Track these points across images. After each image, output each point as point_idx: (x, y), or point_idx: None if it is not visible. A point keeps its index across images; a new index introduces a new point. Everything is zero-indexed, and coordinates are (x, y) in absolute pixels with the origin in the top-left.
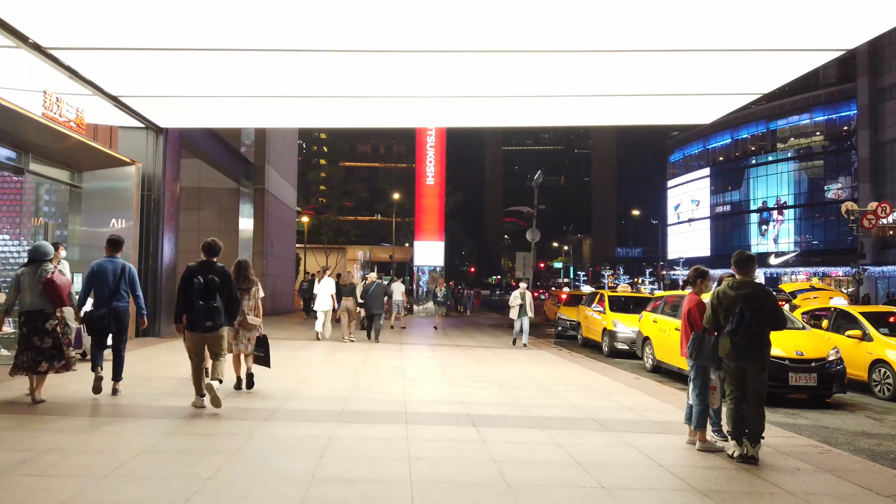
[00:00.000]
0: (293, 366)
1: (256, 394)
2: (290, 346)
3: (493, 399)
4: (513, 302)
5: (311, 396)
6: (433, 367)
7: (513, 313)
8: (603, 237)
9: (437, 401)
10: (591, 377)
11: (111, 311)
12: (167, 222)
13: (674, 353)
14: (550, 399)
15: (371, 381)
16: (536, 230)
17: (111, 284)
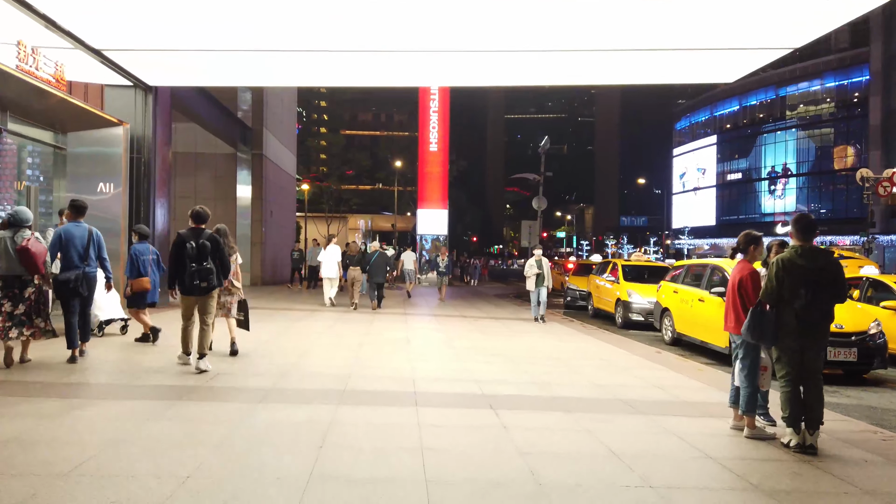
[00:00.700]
0: (292, 338)
1: (251, 369)
2: (288, 316)
3: (507, 376)
4: (528, 271)
5: (310, 373)
6: (440, 340)
7: (529, 284)
8: (606, 206)
9: (447, 378)
10: (607, 350)
11: (83, 275)
12: (159, 188)
13: (697, 325)
14: (569, 375)
15: (375, 355)
16: (543, 198)
17: (80, 249)
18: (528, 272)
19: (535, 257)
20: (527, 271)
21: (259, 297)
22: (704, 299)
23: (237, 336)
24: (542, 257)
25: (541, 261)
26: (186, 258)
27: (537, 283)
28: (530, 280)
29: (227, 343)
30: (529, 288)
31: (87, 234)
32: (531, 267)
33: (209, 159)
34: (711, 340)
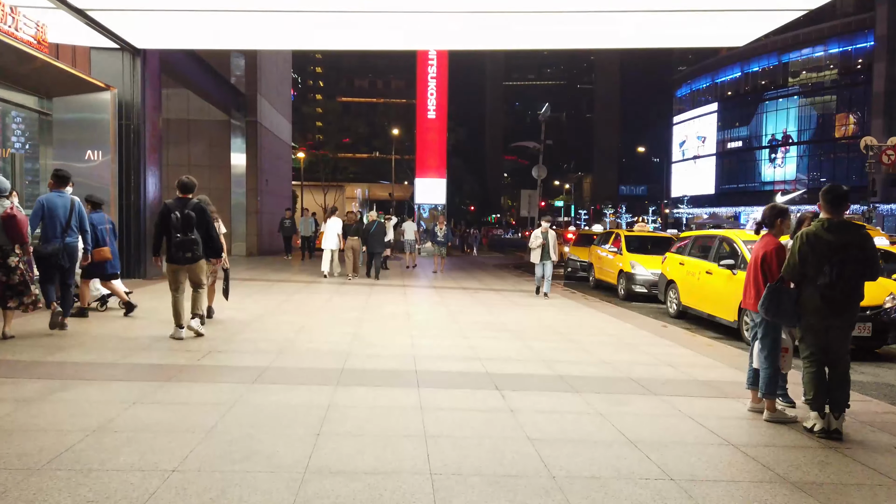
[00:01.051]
0: (289, 311)
1: (245, 346)
2: (285, 289)
3: (512, 353)
4: (533, 243)
5: (307, 350)
6: (441, 314)
7: (534, 257)
8: (604, 175)
9: (450, 356)
10: (612, 325)
11: (64, 246)
12: (149, 155)
13: (704, 298)
14: (575, 352)
15: (375, 330)
16: (543, 166)
17: (63, 219)
18: (533, 243)
19: (542, 228)
20: (532, 243)
21: (255, 268)
22: (712, 272)
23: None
24: (549, 229)
25: (547, 232)
26: (171, 228)
27: (542, 257)
28: (535, 252)
29: (221, 316)
30: (534, 261)
31: (70, 204)
32: (536, 238)
33: (202, 127)
34: (719, 314)
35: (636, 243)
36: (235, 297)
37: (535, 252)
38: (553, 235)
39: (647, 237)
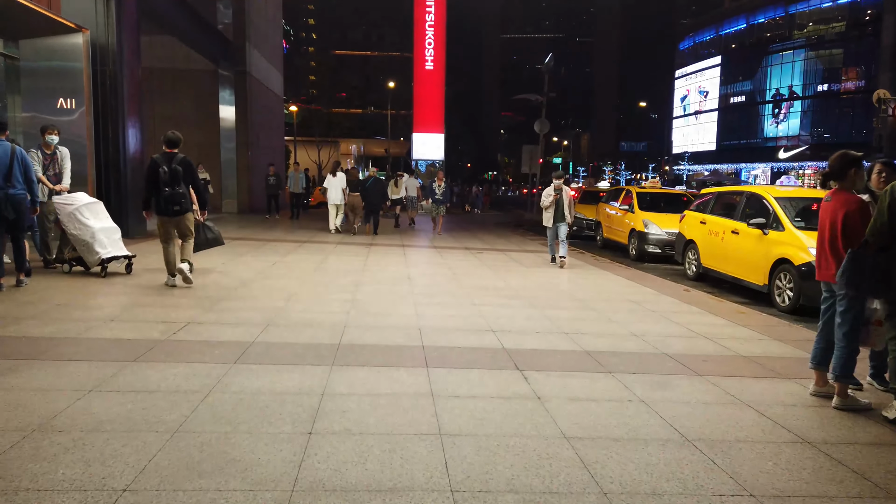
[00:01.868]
0: (279, 275)
1: (227, 317)
2: (276, 249)
3: (528, 323)
4: (545, 202)
5: (298, 321)
6: (445, 277)
7: (545, 218)
8: (603, 131)
9: (460, 327)
10: (631, 289)
11: (7, 198)
12: (129, 105)
13: (729, 259)
14: (598, 322)
15: (375, 296)
16: (545, 121)
17: (3, 169)
18: (545, 202)
19: (555, 185)
20: (543, 201)
21: (246, 226)
22: (739, 231)
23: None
24: (563, 185)
25: (561, 190)
26: (160, 183)
27: (556, 219)
28: (547, 213)
29: (204, 281)
30: (545, 223)
31: (10, 152)
32: (547, 196)
33: (189, 77)
34: (746, 277)
35: (648, 201)
36: (222, 259)
37: (547, 213)
38: (568, 193)
39: (660, 194)
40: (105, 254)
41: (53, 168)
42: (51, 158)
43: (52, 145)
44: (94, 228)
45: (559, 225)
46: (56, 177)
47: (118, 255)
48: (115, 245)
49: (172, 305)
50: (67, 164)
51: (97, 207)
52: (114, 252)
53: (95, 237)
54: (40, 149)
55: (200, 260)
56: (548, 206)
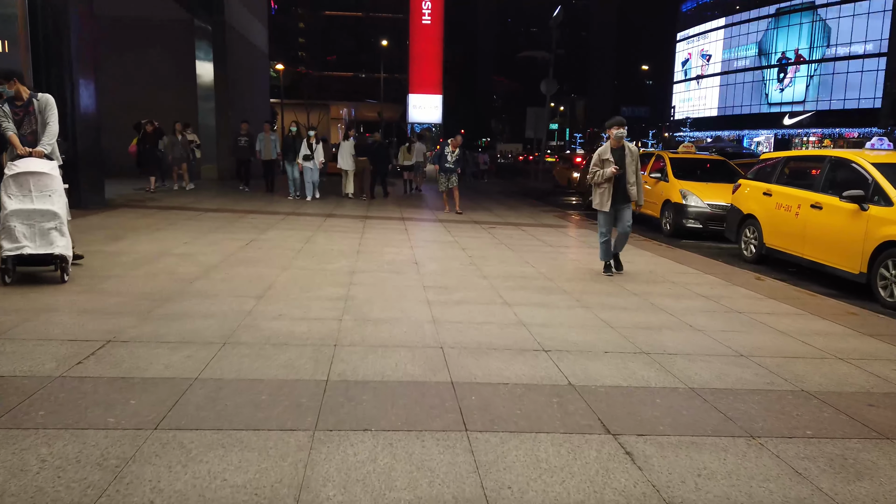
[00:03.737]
0: (254, 260)
1: (171, 329)
2: (256, 223)
3: (587, 334)
4: (602, 173)
5: (270, 335)
6: (460, 261)
7: (598, 199)
8: (600, 97)
9: (497, 343)
10: (688, 276)
11: None
12: (82, 54)
13: (807, 240)
14: (680, 331)
15: (374, 291)
16: (553, 80)
17: None
18: (602, 173)
19: (611, 142)
20: (593, 174)
21: (224, 194)
22: (823, 205)
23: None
24: (626, 143)
25: (624, 150)
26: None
27: (616, 198)
28: (601, 191)
29: (157, 266)
30: (600, 206)
31: None
32: (603, 164)
33: (161, 28)
34: (834, 262)
35: (684, 168)
36: (188, 237)
37: (600, 190)
38: (635, 155)
39: (698, 160)
40: (10, 250)
41: (30, 124)
42: (24, 112)
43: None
44: (7, 211)
45: (621, 209)
46: (33, 135)
47: (38, 254)
48: (41, 239)
49: (96, 310)
50: (53, 118)
51: (41, 181)
52: (32, 249)
53: (4, 224)
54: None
55: (154, 240)
56: (602, 180)
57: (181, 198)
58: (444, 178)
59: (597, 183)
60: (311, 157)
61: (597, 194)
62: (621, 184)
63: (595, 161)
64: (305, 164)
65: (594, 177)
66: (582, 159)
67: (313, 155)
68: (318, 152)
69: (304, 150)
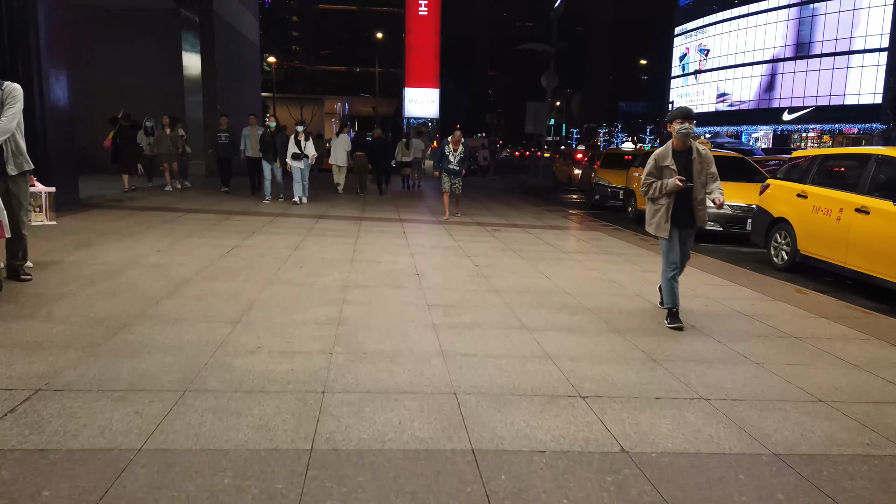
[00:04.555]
0: (235, 271)
1: (117, 372)
2: (240, 226)
3: (626, 369)
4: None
5: (242, 379)
6: (466, 271)
7: (655, 223)
8: (596, 92)
9: (523, 389)
10: (721, 289)
11: None
12: (53, 43)
13: (851, 247)
14: (735, 363)
15: (370, 311)
16: (554, 74)
17: None
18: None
19: (674, 142)
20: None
21: (209, 193)
22: (871, 209)
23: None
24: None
25: (693, 153)
26: None
27: (677, 219)
28: (658, 209)
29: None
30: (658, 231)
31: None
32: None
33: (144, 17)
34: (885, 274)
35: None
36: (163, 243)
37: (656, 207)
38: (706, 160)
39: (715, 157)
40: None
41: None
42: None
43: None
44: None
45: (682, 233)
46: None
47: None
48: None
49: (34, 343)
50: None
51: None
52: None
53: None
54: None
55: (124, 247)
56: (663, 194)
57: (163, 197)
58: (448, 179)
59: (653, 198)
60: (301, 155)
61: (651, 212)
62: (686, 200)
63: (650, 168)
64: (294, 163)
65: (650, 190)
66: (583, 155)
67: (303, 153)
68: (309, 148)
69: (293, 148)
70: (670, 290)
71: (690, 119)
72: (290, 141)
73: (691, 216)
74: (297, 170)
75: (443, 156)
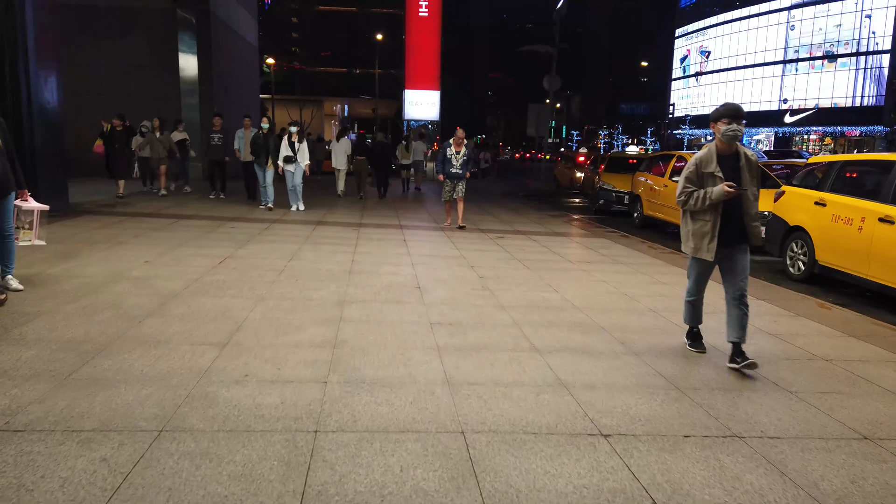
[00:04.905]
0: (225, 285)
1: (90, 404)
2: (234, 234)
3: (650, 400)
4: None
5: (227, 413)
6: (470, 284)
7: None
8: (595, 94)
9: (536, 423)
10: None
11: None
12: (41, 42)
13: (873, 258)
14: (766, 391)
15: (369, 332)
16: (556, 76)
17: None
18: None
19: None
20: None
21: (200, 198)
22: (895, 219)
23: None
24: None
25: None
26: None
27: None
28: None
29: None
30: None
31: None
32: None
33: (140, 16)
34: None
35: None
36: (152, 252)
37: (697, 225)
38: (755, 166)
39: None
40: None
41: None
42: None
43: None
44: None
45: (735, 254)
46: None
47: None
48: None
49: (3, 370)
50: None
51: None
52: None
53: None
54: None
55: (111, 257)
56: (707, 206)
57: (156, 203)
58: (450, 185)
59: (693, 210)
60: (294, 158)
61: (690, 229)
62: (734, 213)
63: (689, 174)
64: (287, 166)
65: (690, 200)
66: (585, 158)
67: (296, 156)
68: (302, 153)
69: (285, 151)
70: (691, 311)
71: (739, 119)
72: (282, 143)
73: (742, 233)
74: (289, 174)
75: (445, 159)
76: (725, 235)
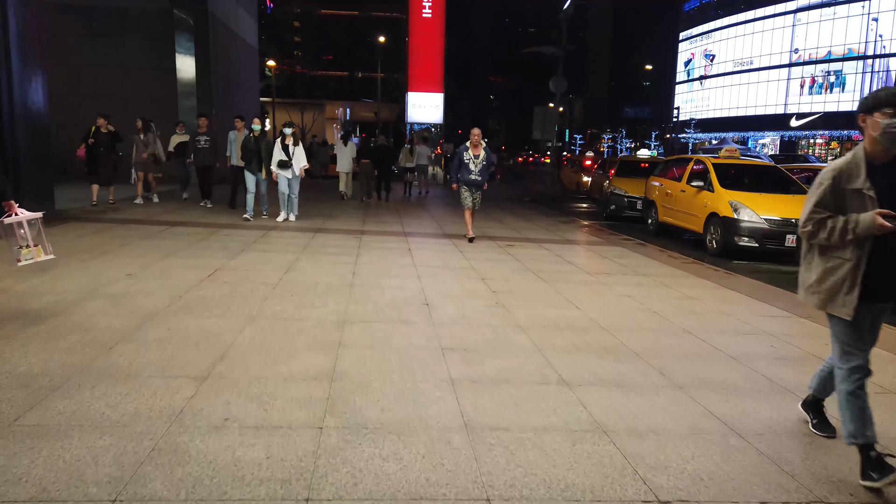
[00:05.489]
0: (213, 302)
1: (37, 459)
2: (226, 243)
3: (707, 447)
4: (834, 235)
5: (199, 474)
6: (483, 300)
7: (828, 290)
8: (598, 97)
9: (576, 485)
10: (782, 323)
11: None
12: (25, 41)
13: None
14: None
15: (372, 360)
16: (563, 78)
17: None
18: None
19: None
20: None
21: (194, 205)
22: None
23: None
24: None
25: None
26: None
27: (879, 287)
28: (835, 266)
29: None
30: (831, 306)
31: None
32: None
33: (137, 16)
34: None
35: (730, 175)
36: (136, 264)
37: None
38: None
39: (747, 167)
40: None
41: None
42: None
43: None
44: None
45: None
46: None
47: None
48: None
49: None
50: None
51: None
52: None
53: None
54: None
55: (90, 269)
56: (847, 240)
57: (147, 209)
58: (469, 193)
59: (828, 243)
60: (289, 163)
61: (822, 271)
62: (890, 252)
63: (822, 194)
64: (281, 172)
65: (822, 232)
66: (592, 162)
67: (291, 161)
68: (297, 157)
69: (280, 155)
70: (858, 411)
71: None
72: (276, 145)
73: (890, 289)
74: (283, 180)
75: (461, 164)
76: (878, 282)
